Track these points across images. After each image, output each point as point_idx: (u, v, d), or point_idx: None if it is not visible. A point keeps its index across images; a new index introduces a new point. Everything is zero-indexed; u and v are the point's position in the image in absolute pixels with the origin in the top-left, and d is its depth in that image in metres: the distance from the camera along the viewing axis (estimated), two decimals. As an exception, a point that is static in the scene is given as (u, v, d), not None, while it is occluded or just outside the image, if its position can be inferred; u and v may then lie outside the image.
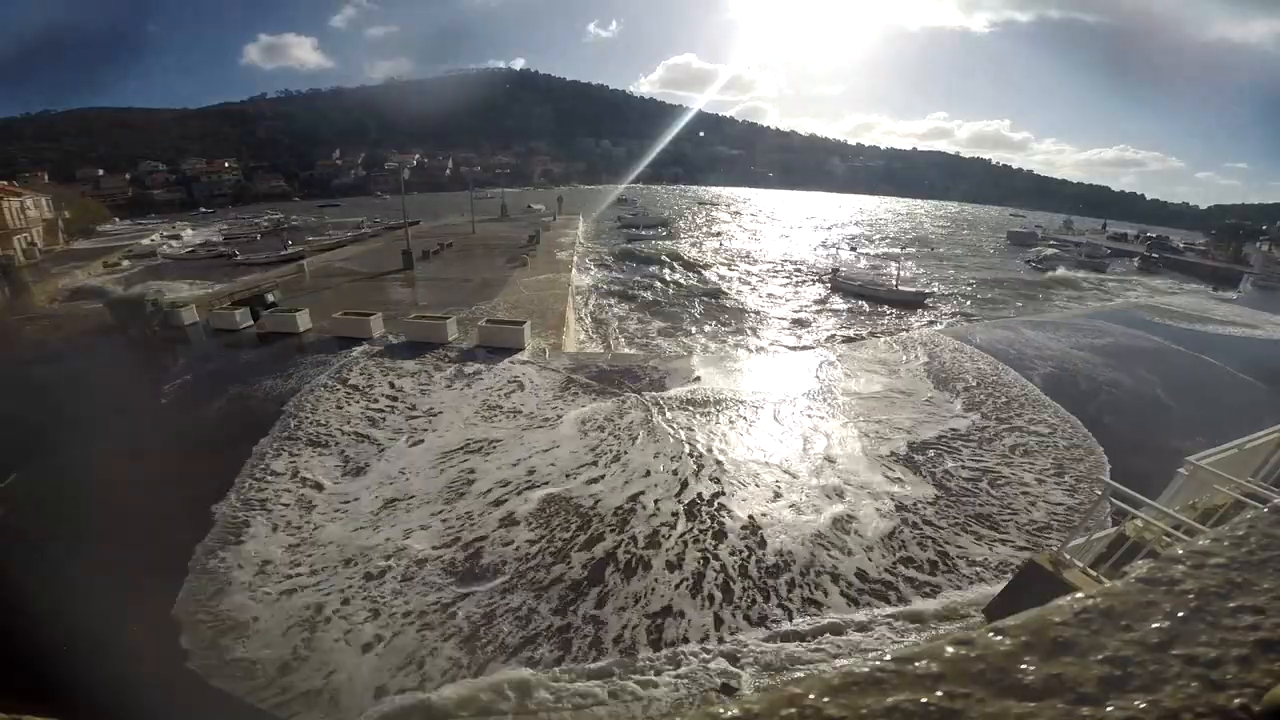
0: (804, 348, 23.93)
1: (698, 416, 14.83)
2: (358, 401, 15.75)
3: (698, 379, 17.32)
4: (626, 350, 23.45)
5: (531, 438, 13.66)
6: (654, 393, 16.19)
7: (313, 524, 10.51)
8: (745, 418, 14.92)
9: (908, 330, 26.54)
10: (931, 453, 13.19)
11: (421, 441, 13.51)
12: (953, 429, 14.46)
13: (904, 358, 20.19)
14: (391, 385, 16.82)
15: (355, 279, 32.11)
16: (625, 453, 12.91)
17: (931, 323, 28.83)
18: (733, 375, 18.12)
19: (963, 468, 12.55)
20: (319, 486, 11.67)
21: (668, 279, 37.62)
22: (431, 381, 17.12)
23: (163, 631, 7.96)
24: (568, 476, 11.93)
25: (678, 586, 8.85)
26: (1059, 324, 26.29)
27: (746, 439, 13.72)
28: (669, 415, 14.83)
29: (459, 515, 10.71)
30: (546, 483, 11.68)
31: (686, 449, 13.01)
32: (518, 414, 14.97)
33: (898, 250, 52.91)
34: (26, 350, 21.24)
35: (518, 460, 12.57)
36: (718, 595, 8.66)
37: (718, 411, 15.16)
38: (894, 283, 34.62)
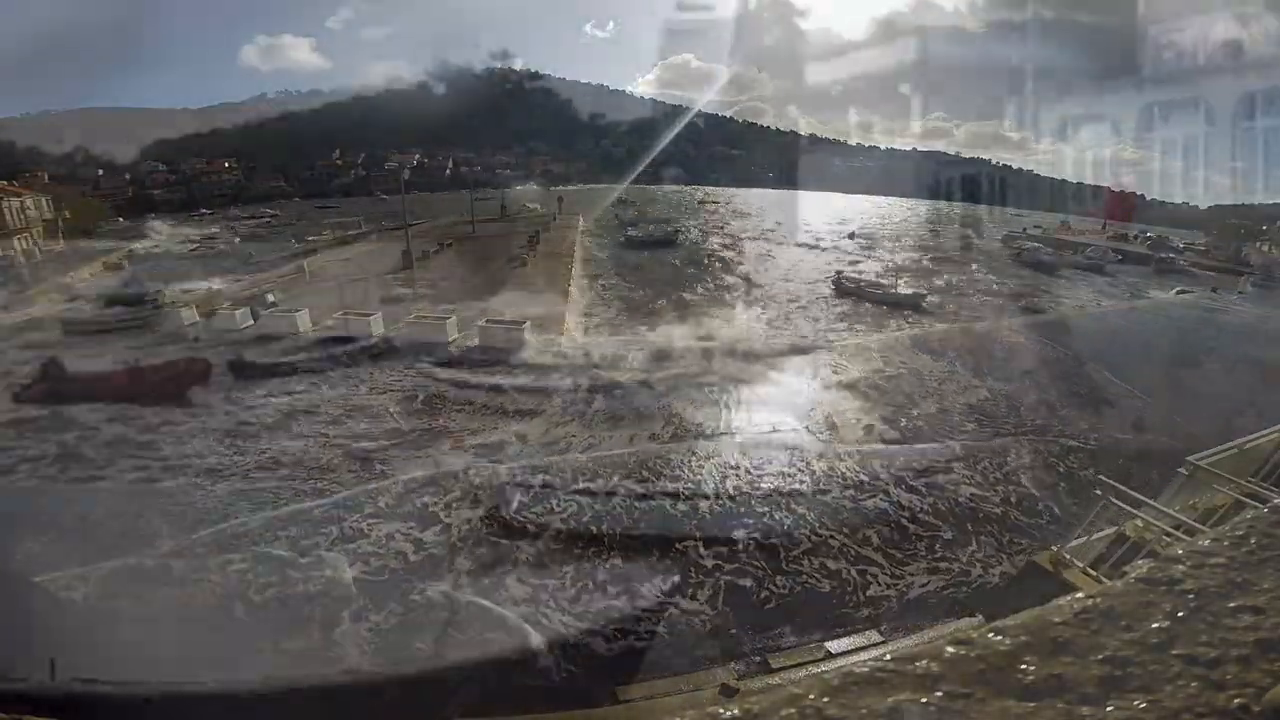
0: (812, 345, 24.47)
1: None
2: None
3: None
4: (629, 346, 23.33)
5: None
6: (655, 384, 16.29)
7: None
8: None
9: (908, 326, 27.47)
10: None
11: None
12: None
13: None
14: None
15: (355, 279, 32.07)
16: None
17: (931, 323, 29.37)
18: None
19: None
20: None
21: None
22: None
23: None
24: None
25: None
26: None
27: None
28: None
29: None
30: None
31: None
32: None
33: (899, 258, 53.31)
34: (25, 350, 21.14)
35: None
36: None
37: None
38: (894, 286, 35.45)
